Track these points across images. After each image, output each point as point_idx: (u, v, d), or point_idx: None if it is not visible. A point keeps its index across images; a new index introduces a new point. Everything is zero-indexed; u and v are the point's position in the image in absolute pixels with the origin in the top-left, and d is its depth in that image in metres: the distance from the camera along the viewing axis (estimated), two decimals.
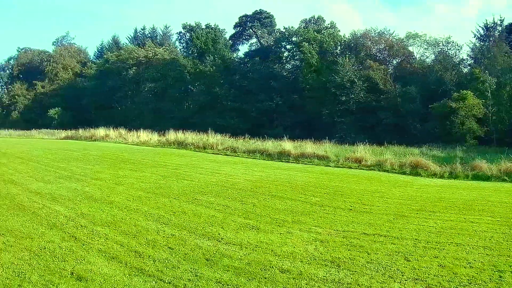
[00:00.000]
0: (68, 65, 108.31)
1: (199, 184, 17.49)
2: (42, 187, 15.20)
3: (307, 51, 65.51)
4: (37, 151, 32.02)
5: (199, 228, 10.17)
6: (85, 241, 8.83)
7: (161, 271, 7.38)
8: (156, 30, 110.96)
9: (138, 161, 26.69)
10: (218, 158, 31.80)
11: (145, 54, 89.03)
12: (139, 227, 10.08)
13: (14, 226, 9.63)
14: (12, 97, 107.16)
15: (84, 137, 57.73)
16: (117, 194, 14.42)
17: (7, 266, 7.25)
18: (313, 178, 20.66)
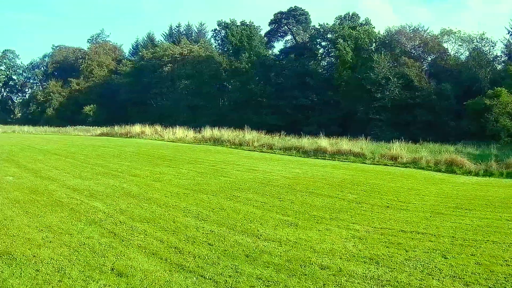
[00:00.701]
0: (103, 63, 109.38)
1: (236, 180, 17.53)
2: (80, 183, 15.33)
3: (342, 48, 65.33)
4: (73, 148, 32.39)
5: (238, 225, 10.16)
6: (124, 237, 8.86)
7: (201, 267, 7.37)
8: (191, 28, 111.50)
9: (175, 158, 26.84)
10: (254, 155, 31.87)
11: (180, 51, 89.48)
12: (178, 224, 10.09)
13: (52, 222, 9.70)
14: (47, 94, 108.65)
15: (120, 134, 58.18)
16: (155, 190, 14.47)
17: (46, 261, 7.29)
18: (350, 175, 20.63)
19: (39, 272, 6.87)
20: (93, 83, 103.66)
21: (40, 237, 8.52)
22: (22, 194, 12.78)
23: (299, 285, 6.85)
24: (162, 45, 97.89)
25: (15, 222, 9.56)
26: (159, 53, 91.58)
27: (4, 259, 7.29)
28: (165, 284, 6.74)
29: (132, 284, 6.68)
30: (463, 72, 57.07)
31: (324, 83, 70.24)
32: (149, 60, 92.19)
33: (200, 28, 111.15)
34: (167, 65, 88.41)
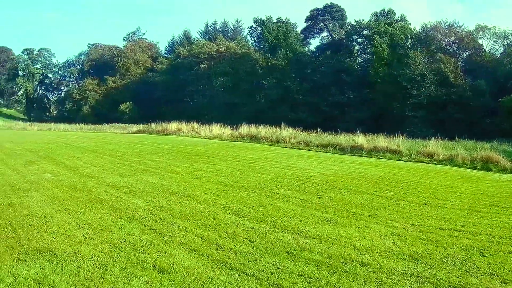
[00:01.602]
0: (139, 60, 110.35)
1: (275, 177, 17.56)
2: (119, 180, 15.47)
3: (378, 44, 65.27)
4: (110, 145, 32.72)
5: (278, 222, 10.16)
6: (165, 234, 8.89)
7: (243, 264, 7.38)
8: (227, 25, 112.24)
9: (212, 155, 26.94)
10: (291, 152, 31.97)
11: (216, 49, 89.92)
12: (218, 220, 10.11)
13: (92, 218, 9.78)
14: (83, 92, 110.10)
15: (156, 131, 58.67)
16: (194, 187, 14.52)
17: (88, 258, 7.35)
18: (387, 172, 20.63)
19: (80, 268, 6.92)
20: (129, 81, 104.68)
21: (81, 234, 8.60)
22: (61, 191, 12.93)
23: (340, 282, 6.85)
24: (198, 43, 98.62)
25: (55, 219, 9.66)
26: (196, 50, 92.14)
27: (45, 256, 7.37)
28: (207, 280, 6.75)
29: (175, 280, 6.69)
30: (498, 69, 56.69)
31: (360, 80, 70.42)
32: (186, 57, 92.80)
33: (236, 25, 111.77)
34: (204, 63, 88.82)
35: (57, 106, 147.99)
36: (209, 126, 53.96)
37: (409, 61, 59.82)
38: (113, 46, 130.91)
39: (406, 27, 70.87)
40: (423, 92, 57.41)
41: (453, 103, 54.72)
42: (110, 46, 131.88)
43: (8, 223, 9.21)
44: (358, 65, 79.10)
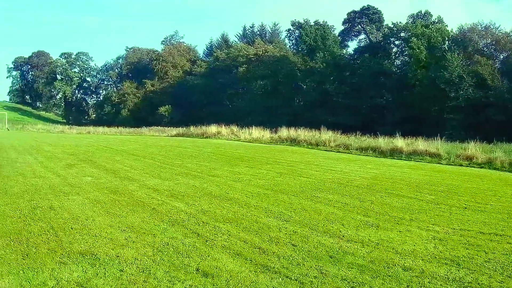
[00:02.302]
0: (177, 64, 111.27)
1: (315, 181, 17.51)
2: (160, 183, 15.53)
3: (415, 46, 65.43)
4: (150, 148, 33.07)
5: (320, 225, 10.07)
6: (208, 237, 8.84)
7: (286, 268, 7.28)
8: (265, 28, 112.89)
9: (253, 158, 27.07)
10: (331, 155, 32.12)
11: (254, 52, 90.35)
12: (260, 224, 10.04)
13: (134, 222, 9.79)
14: (121, 95, 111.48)
15: (196, 134, 59.16)
16: (236, 191, 14.51)
17: (130, 262, 7.33)
18: (426, 175, 20.52)
19: (123, 272, 6.90)
20: (167, 84, 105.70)
21: (123, 237, 8.60)
22: (102, 194, 13.02)
23: (384, 287, 6.76)
24: (236, 46, 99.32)
25: (96, 222, 9.69)
26: (234, 53, 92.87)
27: (87, 259, 7.37)
28: (251, 284, 6.67)
29: (218, 284, 6.62)
30: None
31: (398, 83, 70.61)
32: (224, 60, 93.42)
33: (274, 29, 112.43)
34: (242, 66, 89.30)
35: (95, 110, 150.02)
36: (248, 129, 54.29)
37: (446, 63, 59.52)
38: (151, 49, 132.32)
39: (443, 29, 70.66)
40: (461, 95, 57.37)
41: (491, 106, 54.39)
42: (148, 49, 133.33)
43: (49, 226, 9.25)
44: (396, 68, 79.17)
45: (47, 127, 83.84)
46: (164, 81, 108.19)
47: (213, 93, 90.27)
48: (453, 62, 59.53)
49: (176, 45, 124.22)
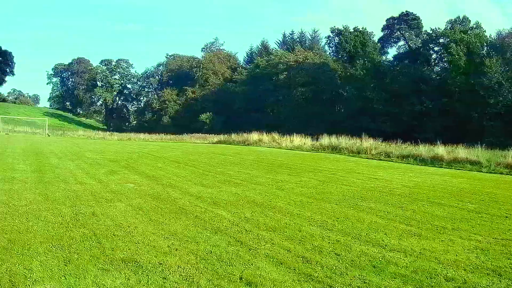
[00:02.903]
0: (218, 71, 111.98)
1: (358, 189, 17.49)
2: (202, 191, 15.55)
3: (455, 52, 64.91)
4: (192, 156, 33.28)
5: (363, 234, 10.02)
6: (251, 245, 8.80)
7: (329, 278, 7.22)
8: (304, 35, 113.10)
9: (294, 166, 27.11)
10: (372, 163, 32.27)
11: (295, 59, 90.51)
12: (304, 233, 9.98)
13: (177, 229, 9.79)
14: (162, 102, 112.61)
15: (237, 141, 59.37)
16: (279, 199, 14.46)
17: (173, 269, 7.31)
18: (467, 184, 20.44)
19: (166, 280, 6.88)
20: (208, 91, 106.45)
21: (166, 245, 8.59)
22: (145, 201, 13.07)
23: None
24: (276, 53, 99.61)
25: (139, 229, 9.72)
26: (274, 60, 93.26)
27: (130, 266, 7.37)
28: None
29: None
30: None
31: (438, 89, 70.19)
32: (264, 68, 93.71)
33: (313, 35, 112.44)
34: (282, 73, 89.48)
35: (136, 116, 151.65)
36: (290, 137, 54.44)
37: (485, 69, 58.95)
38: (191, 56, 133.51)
39: (481, 34, 70.22)
40: (500, 101, 56.53)
41: None
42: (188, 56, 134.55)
43: (92, 232, 9.28)
44: (435, 74, 78.73)
45: (88, 134, 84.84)
46: (205, 88, 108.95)
47: (253, 100, 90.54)
48: (492, 68, 59.02)
49: (216, 52, 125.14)
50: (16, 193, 13.38)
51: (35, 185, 15.29)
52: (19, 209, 11.15)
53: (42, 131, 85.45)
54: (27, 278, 6.69)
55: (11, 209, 11.12)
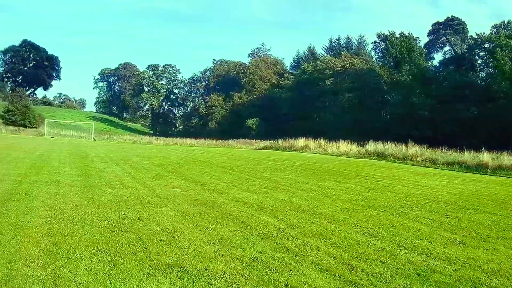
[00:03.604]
0: (265, 76, 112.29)
1: (404, 196, 17.41)
2: (249, 196, 15.57)
3: (500, 58, 63.96)
4: (238, 161, 33.44)
5: (408, 242, 9.93)
6: (297, 252, 8.75)
7: (374, 286, 7.16)
8: (351, 40, 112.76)
9: (341, 172, 27.08)
10: (418, 169, 32.15)
11: (341, 64, 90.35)
12: (349, 240, 9.91)
13: (224, 235, 9.79)
14: (209, 107, 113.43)
15: (283, 147, 59.51)
16: (325, 205, 14.40)
17: (219, 275, 7.30)
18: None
19: (212, 286, 6.86)
20: (255, 97, 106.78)
21: (212, 250, 8.60)
22: (191, 206, 13.11)
23: None
24: (323, 59, 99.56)
25: (185, 234, 9.74)
26: (321, 66, 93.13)
27: (175, 271, 7.38)
28: None
29: None
30: None
31: (483, 95, 69.30)
32: (311, 73, 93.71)
33: (360, 41, 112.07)
34: (329, 79, 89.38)
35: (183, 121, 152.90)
36: (336, 143, 54.48)
37: None
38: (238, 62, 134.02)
39: None
40: None
41: None
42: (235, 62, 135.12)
43: (138, 237, 9.34)
44: (480, 80, 77.76)
45: (134, 138, 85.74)
46: (252, 94, 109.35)
47: (300, 106, 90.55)
48: None
49: (263, 58, 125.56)
50: (62, 197, 13.55)
51: (81, 189, 15.47)
52: (64, 213, 11.29)
53: (88, 135, 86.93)
54: (71, 281, 6.76)
55: (57, 213, 11.25)
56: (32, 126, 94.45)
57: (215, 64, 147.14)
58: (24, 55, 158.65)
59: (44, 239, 8.82)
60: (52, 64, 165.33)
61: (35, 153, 31.65)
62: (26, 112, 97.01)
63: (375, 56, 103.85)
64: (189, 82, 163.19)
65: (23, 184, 15.73)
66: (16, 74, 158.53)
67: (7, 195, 13.14)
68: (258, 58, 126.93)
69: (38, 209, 11.52)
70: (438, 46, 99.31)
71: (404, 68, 77.77)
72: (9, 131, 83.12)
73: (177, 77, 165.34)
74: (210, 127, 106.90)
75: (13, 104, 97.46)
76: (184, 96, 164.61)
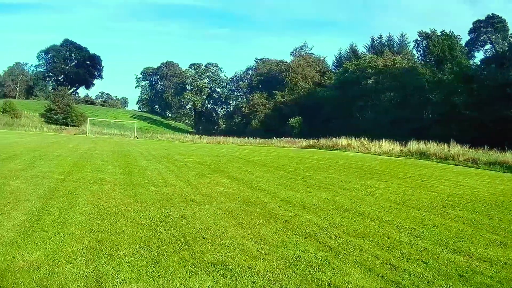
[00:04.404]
0: (307, 75, 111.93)
1: (445, 196, 17.31)
2: (292, 195, 15.53)
3: None
4: (281, 160, 33.56)
5: (450, 243, 9.86)
6: (340, 252, 8.72)
7: (416, 286, 7.13)
8: (392, 38, 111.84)
9: (383, 172, 27.02)
10: (459, 169, 32.03)
11: (383, 63, 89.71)
12: (392, 239, 9.87)
13: (267, 234, 9.80)
14: (251, 106, 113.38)
15: (326, 146, 59.50)
16: (368, 204, 14.35)
17: (262, 273, 7.30)
18: None
19: (255, 284, 6.88)
20: (297, 96, 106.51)
21: (255, 249, 8.61)
22: (235, 204, 13.15)
23: None
24: (365, 57, 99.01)
25: (229, 232, 9.77)
26: (363, 65, 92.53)
27: (219, 269, 7.40)
28: None
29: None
30: None
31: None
32: (353, 72, 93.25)
33: (401, 39, 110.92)
34: (371, 77, 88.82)
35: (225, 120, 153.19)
36: (378, 142, 54.30)
37: None
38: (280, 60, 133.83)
39: None
40: None
41: None
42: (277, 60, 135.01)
43: (181, 235, 9.40)
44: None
45: (177, 137, 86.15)
46: (294, 92, 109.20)
47: (342, 104, 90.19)
48: None
49: (305, 56, 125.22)
50: (105, 194, 13.69)
51: (124, 187, 15.63)
52: (108, 210, 11.41)
53: (131, 134, 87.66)
54: (114, 278, 6.83)
55: (100, 210, 11.39)
56: (74, 125, 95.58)
57: (257, 62, 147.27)
58: (66, 54, 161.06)
59: (87, 236, 8.94)
60: (94, 63, 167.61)
61: (78, 151, 32.07)
62: (68, 111, 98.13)
63: (417, 54, 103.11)
64: (231, 80, 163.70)
65: (66, 182, 15.93)
66: (58, 73, 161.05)
67: (50, 193, 13.32)
68: (300, 56, 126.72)
69: (81, 207, 11.67)
70: (479, 44, 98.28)
71: (446, 66, 77.10)
72: (51, 129, 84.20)
73: (219, 75, 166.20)
74: (253, 126, 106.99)
75: (55, 103, 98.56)
76: (227, 95, 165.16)
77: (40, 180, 15.80)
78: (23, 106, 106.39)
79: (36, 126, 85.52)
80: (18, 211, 10.70)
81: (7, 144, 34.36)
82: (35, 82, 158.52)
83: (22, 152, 27.68)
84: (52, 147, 35.15)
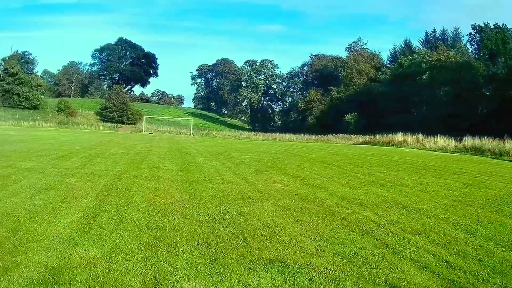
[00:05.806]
0: (362, 70, 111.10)
1: (500, 193, 16.93)
2: (349, 192, 15.48)
3: None
4: (337, 156, 33.47)
5: (505, 240, 9.68)
6: (397, 249, 8.67)
7: (472, 284, 7.03)
8: (446, 32, 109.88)
9: (439, 168, 26.65)
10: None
11: (437, 58, 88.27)
12: (448, 237, 9.74)
13: (324, 231, 9.79)
14: (307, 102, 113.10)
15: (381, 142, 59.10)
16: (424, 201, 14.18)
17: (319, 271, 7.30)
18: None
19: (312, 281, 6.87)
20: (353, 91, 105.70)
21: (313, 246, 8.61)
22: (292, 201, 13.15)
23: None
24: (419, 52, 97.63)
25: (286, 229, 9.79)
26: (417, 60, 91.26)
27: (276, 266, 7.43)
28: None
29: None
30: None
31: None
32: (408, 67, 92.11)
33: (455, 33, 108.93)
34: (426, 72, 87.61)
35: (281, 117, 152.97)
36: (433, 138, 53.73)
37: None
38: (335, 56, 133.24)
39: None
40: None
41: None
42: (332, 56, 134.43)
43: (239, 232, 9.46)
44: None
45: (233, 134, 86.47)
46: (350, 88, 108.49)
47: (397, 100, 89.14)
48: None
49: (360, 52, 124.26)
50: (162, 192, 13.86)
51: (181, 184, 15.77)
52: (165, 207, 11.54)
53: (187, 131, 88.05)
54: (172, 275, 6.90)
55: (157, 207, 11.53)
56: (130, 123, 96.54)
57: (312, 58, 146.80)
58: (121, 53, 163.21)
59: (145, 233, 9.08)
60: (149, 61, 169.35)
61: (134, 149, 32.52)
62: (123, 109, 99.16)
63: (471, 48, 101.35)
64: (287, 77, 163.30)
65: (123, 179, 16.21)
66: (113, 71, 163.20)
67: (107, 190, 13.58)
68: (355, 52, 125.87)
69: (138, 204, 11.85)
70: None
71: (500, 60, 75.48)
72: (107, 127, 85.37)
73: (275, 72, 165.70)
74: (309, 122, 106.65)
75: (110, 101, 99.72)
76: (282, 91, 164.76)
77: (97, 178, 16.13)
78: (78, 105, 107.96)
79: (91, 124, 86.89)
80: (75, 208, 10.93)
81: (63, 142, 34.99)
82: (90, 81, 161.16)
83: (78, 150, 28.26)
84: (108, 145, 35.83)
